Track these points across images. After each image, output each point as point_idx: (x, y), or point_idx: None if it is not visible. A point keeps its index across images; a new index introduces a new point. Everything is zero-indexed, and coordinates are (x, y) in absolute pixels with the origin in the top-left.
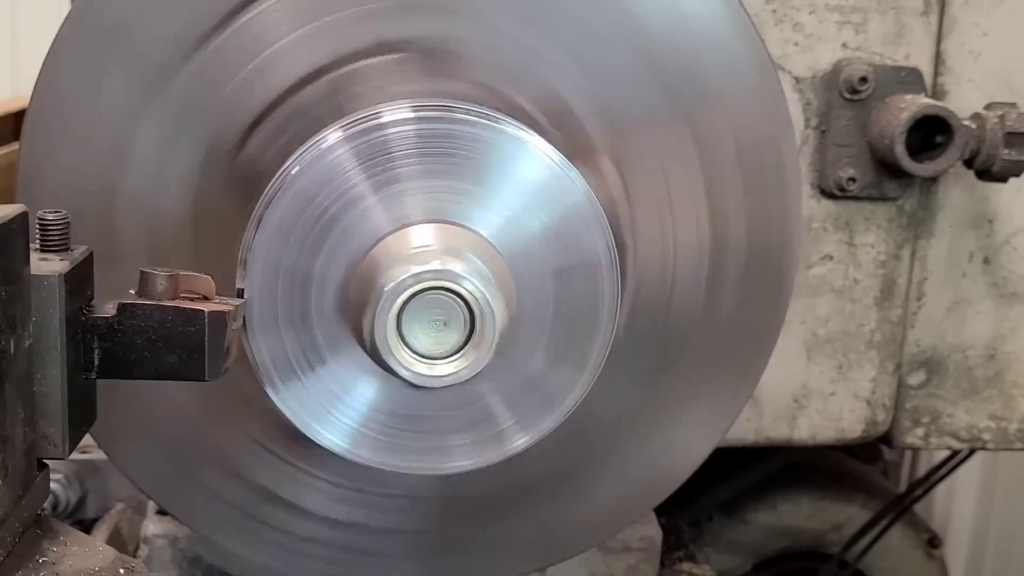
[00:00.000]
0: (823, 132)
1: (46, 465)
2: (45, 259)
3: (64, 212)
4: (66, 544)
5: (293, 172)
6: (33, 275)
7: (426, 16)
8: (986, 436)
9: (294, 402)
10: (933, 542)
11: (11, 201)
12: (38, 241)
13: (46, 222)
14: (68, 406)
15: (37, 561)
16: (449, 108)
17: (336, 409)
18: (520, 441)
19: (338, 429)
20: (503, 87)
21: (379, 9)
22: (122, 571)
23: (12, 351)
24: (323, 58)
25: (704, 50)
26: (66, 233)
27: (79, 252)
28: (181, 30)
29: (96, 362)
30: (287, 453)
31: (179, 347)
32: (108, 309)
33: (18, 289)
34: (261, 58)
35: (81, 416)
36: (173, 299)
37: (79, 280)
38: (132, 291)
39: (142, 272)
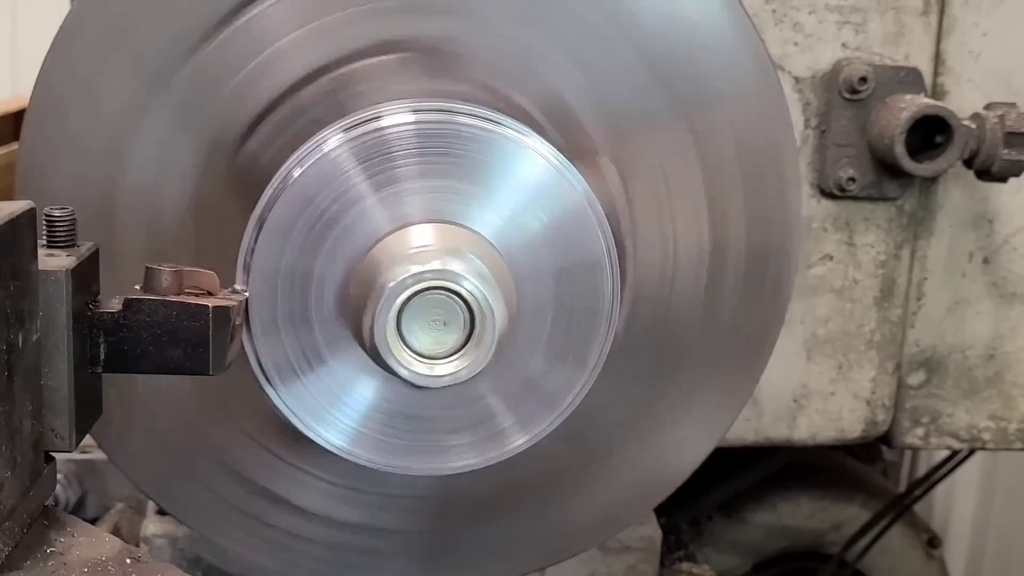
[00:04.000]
0: (823, 132)
1: (53, 458)
2: (52, 255)
3: (71, 209)
4: (73, 535)
5: (295, 174)
6: (40, 271)
7: (427, 16)
8: (986, 436)
9: (294, 402)
10: (933, 542)
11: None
12: (45, 237)
13: (53, 218)
14: (75, 399)
15: (44, 551)
16: (449, 109)
17: (335, 409)
18: (519, 441)
19: (337, 429)
20: (504, 88)
21: (380, 9)
22: (128, 561)
23: (20, 345)
24: (324, 57)
25: (704, 51)
26: (73, 229)
27: (85, 248)
28: (182, 29)
29: (102, 356)
30: (285, 451)
31: (184, 342)
32: (114, 304)
33: (26, 284)
34: (262, 57)
35: (87, 409)
36: (178, 294)
37: (85, 275)
38: (137, 286)
39: (147, 268)
